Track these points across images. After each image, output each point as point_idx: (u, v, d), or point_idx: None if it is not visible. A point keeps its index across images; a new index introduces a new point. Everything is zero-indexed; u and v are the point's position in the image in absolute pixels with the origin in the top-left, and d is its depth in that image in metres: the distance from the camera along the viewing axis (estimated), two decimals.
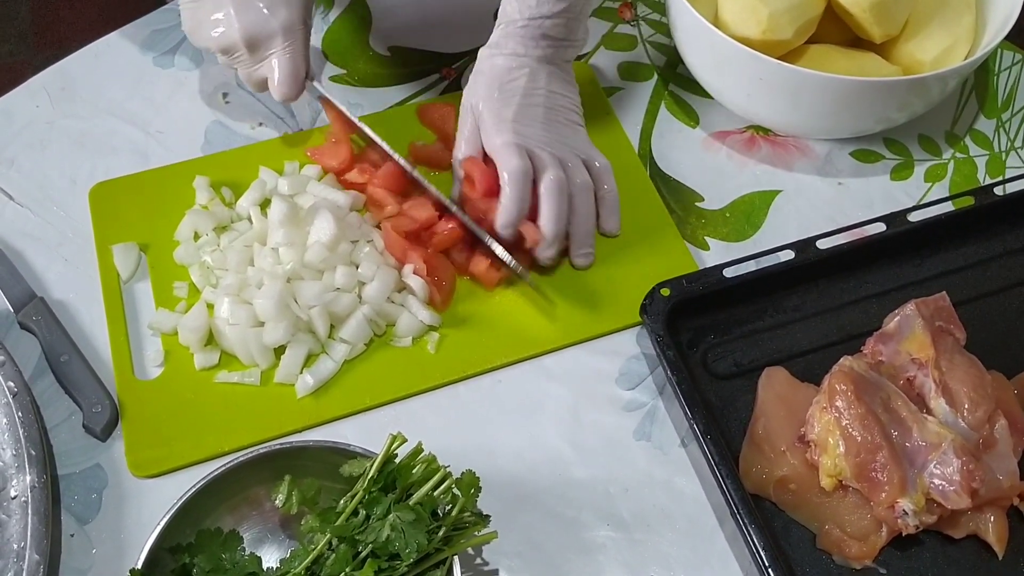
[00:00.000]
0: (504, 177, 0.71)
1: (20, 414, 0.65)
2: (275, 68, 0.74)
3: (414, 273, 0.72)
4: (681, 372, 0.67)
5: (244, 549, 0.61)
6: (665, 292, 0.71)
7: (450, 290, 0.73)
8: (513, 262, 0.72)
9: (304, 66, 0.75)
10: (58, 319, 0.72)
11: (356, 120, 0.77)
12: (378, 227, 0.75)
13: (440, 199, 0.74)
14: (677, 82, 0.89)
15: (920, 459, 0.63)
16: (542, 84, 0.75)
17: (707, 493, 0.67)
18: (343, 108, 0.78)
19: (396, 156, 0.76)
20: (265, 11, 0.72)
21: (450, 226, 0.74)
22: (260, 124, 0.84)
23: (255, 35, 0.72)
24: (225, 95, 0.86)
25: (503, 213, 0.71)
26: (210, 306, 0.71)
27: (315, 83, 0.77)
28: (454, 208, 0.74)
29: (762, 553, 0.61)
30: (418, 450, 0.60)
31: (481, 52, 0.77)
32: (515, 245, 0.73)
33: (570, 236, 0.74)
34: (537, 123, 0.75)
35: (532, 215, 0.73)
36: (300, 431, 0.68)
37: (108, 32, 0.90)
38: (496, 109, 0.74)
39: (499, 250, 0.72)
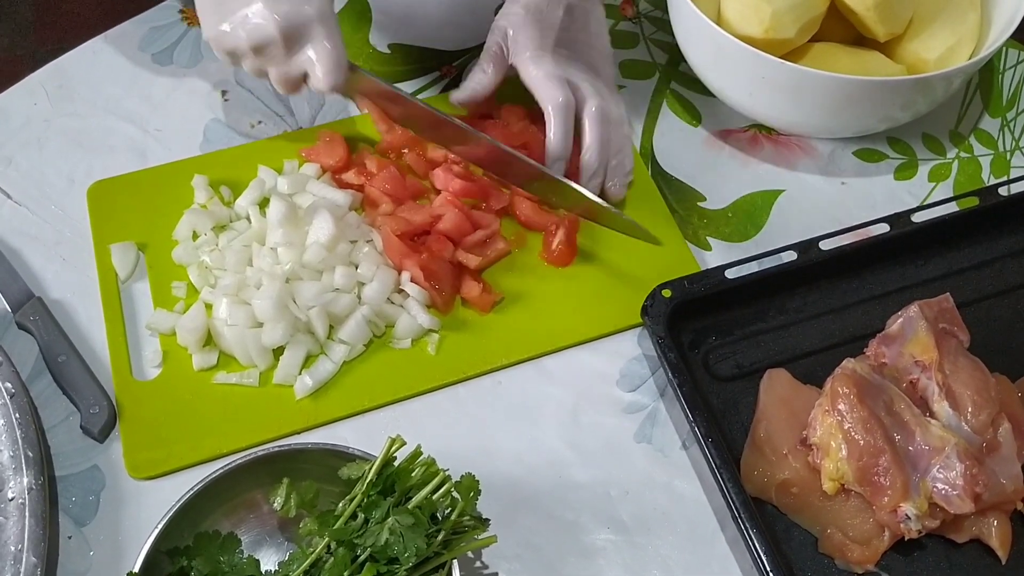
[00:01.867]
0: (548, 110, 0.72)
1: (17, 415, 0.65)
2: (316, 59, 0.69)
3: (411, 281, 0.71)
4: (682, 374, 0.67)
5: (242, 552, 0.61)
6: (667, 293, 0.70)
7: (451, 294, 0.72)
8: (603, 202, 0.73)
9: (345, 52, 0.71)
10: (56, 319, 0.71)
11: (400, 91, 0.75)
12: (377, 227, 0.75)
13: (499, 146, 0.74)
14: (679, 80, 0.88)
15: (923, 463, 0.62)
16: (580, 21, 0.76)
17: (708, 496, 0.66)
18: (389, 86, 0.75)
19: (445, 115, 0.74)
20: (298, 0, 0.68)
21: (445, 226, 0.73)
22: (259, 122, 0.84)
23: (292, 26, 0.68)
24: (224, 93, 0.85)
25: (553, 147, 0.73)
26: (208, 306, 0.71)
27: (358, 67, 0.73)
28: (517, 154, 0.74)
29: (763, 557, 0.60)
30: (417, 453, 0.60)
31: None
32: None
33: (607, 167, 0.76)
34: (576, 55, 0.75)
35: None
36: (299, 432, 0.68)
37: (110, 26, 0.89)
38: (535, 38, 0.74)
39: (582, 190, 0.73)
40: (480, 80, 0.77)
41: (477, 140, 0.74)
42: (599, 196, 0.74)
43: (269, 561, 0.62)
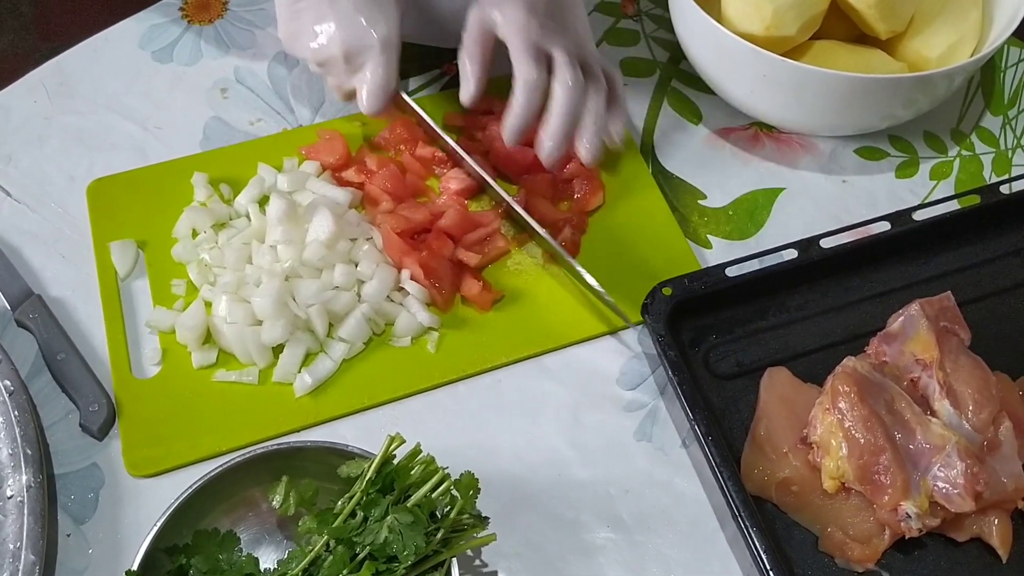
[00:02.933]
0: (519, 83, 0.71)
1: (16, 413, 0.65)
2: (366, 82, 0.72)
3: (411, 279, 0.71)
4: (683, 372, 0.67)
5: (241, 550, 0.61)
6: (667, 291, 0.70)
7: (451, 293, 0.72)
8: (568, 256, 0.73)
9: (394, 81, 0.73)
10: (55, 317, 0.71)
11: (438, 129, 0.77)
12: (377, 225, 0.75)
13: (506, 200, 0.75)
14: (680, 78, 0.88)
15: (924, 461, 0.62)
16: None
17: (708, 495, 0.66)
18: (428, 119, 0.77)
19: (470, 160, 0.76)
20: (365, 25, 0.71)
21: (445, 224, 0.73)
22: (259, 120, 0.84)
23: (353, 49, 0.71)
24: (224, 91, 0.85)
25: (510, 122, 0.72)
26: (208, 304, 0.71)
27: (403, 95, 0.77)
28: (516, 206, 0.74)
29: (763, 556, 0.60)
30: (416, 451, 0.59)
31: None
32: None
33: (577, 131, 0.74)
34: (563, 23, 0.73)
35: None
36: (298, 431, 0.68)
37: (112, 24, 0.89)
38: (517, 6, 0.71)
39: (554, 242, 0.73)
40: (471, 70, 0.74)
41: (493, 191, 0.76)
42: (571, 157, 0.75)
43: (268, 559, 0.62)
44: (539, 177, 0.77)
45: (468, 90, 0.74)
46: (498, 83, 0.76)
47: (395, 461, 0.59)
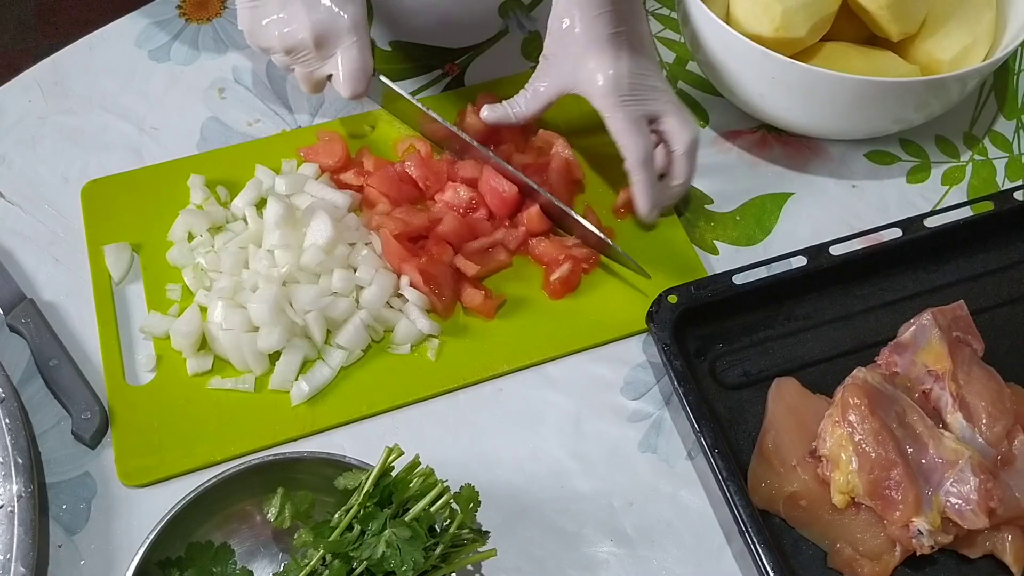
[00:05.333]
0: (631, 165, 0.70)
1: (7, 420, 0.63)
2: (341, 65, 0.71)
3: (410, 286, 0.70)
4: (688, 382, 0.65)
5: (236, 563, 0.60)
6: (672, 299, 0.69)
7: (452, 299, 0.71)
8: (607, 238, 0.72)
9: (371, 61, 0.72)
10: (48, 322, 0.70)
11: (425, 108, 0.75)
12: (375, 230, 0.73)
13: (522, 180, 0.73)
14: (687, 79, 0.86)
15: (936, 477, 0.61)
16: (637, 19, 0.71)
17: (714, 508, 0.65)
18: (413, 100, 0.75)
19: (470, 140, 0.74)
20: (334, 8, 0.69)
21: (443, 230, 0.72)
22: (257, 121, 0.82)
23: (324, 33, 0.69)
24: (221, 90, 0.84)
25: (641, 203, 0.72)
26: (203, 309, 0.70)
27: (381, 77, 0.75)
28: (536, 187, 0.73)
29: (771, 572, 0.59)
30: (415, 463, 0.58)
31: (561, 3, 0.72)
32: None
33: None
34: (649, 71, 0.71)
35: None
36: (295, 440, 0.66)
37: (112, 21, 0.88)
38: (606, 71, 0.69)
39: (589, 226, 0.72)
40: (518, 112, 0.75)
41: (492, 163, 0.74)
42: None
43: (263, 573, 0.61)
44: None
45: (494, 115, 0.74)
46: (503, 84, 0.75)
47: (393, 473, 0.58)
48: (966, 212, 0.75)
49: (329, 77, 0.72)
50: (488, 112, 0.75)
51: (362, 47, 0.70)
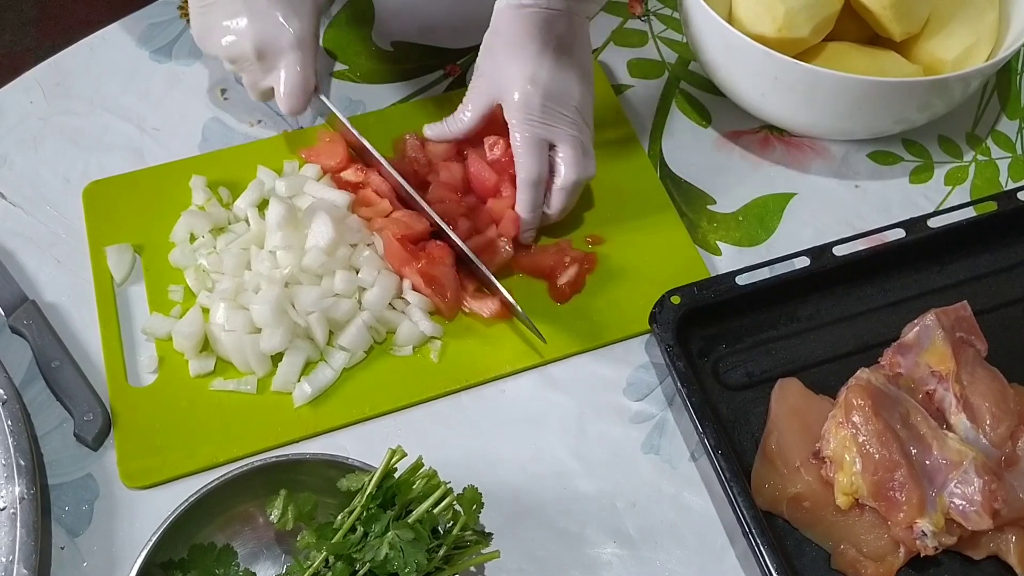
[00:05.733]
0: (520, 182, 0.70)
1: (9, 422, 0.63)
2: (282, 81, 0.71)
3: (412, 289, 0.70)
4: (691, 383, 0.65)
5: (238, 565, 0.60)
6: (675, 300, 0.69)
7: (455, 301, 0.70)
8: (508, 295, 0.69)
9: (313, 79, 0.72)
10: (50, 323, 0.70)
11: (360, 136, 0.75)
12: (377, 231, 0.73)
13: (439, 223, 0.71)
14: (689, 80, 0.86)
15: (940, 478, 0.61)
16: (571, 47, 0.70)
17: (717, 509, 0.65)
18: (348, 123, 0.75)
19: (398, 176, 0.73)
20: (281, 21, 0.70)
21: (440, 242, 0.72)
22: (259, 122, 0.82)
23: (267, 46, 0.70)
24: (223, 91, 0.84)
25: (523, 217, 0.71)
26: (206, 311, 0.69)
27: (322, 97, 0.75)
28: (451, 234, 0.71)
29: (774, 573, 0.59)
30: (418, 465, 0.58)
31: (497, 5, 0.71)
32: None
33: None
34: (566, 99, 0.70)
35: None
36: (297, 441, 0.66)
37: (114, 22, 0.87)
38: (524, 86, 0.68)
39: (494, 280, 0.70)
40: (456, 127, 0.74)
41: (420, 207, 0.72)
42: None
43: (266, 575, 0.61)
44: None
45: (434, 132, 0.75)
46: None
47: (396, 475, 0.58)
48: (969, 212, 0.75)
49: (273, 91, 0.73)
50: (429, 130, 0.75)
51: (305, 64, 0.71)
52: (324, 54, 0.86)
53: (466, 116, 0.73)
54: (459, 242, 0.71)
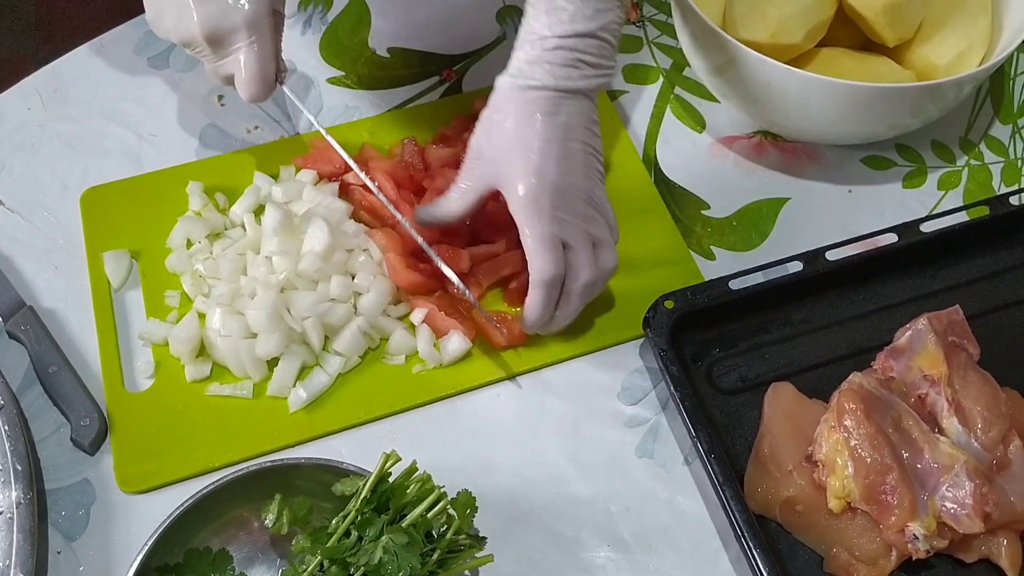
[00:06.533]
0: (535, 281, 0.64)
1: (6, 427, 0.64)
2: (241, 66, 0.65)
3: (423, 322, 0.70)
4: (685, 387, 0.66)
5: (234, 569, 0.60)
6: (669, 304, 0.69)
7: (472, 326, 0.70)
8: (466, 290, 0.68)
9: (272, 64, 0.66)
10: (47, 328, 0.70)
11: (324, 132, 0.71)
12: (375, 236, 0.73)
13: (416, 239, 0.68)
14: (683, 85, 0.87)
15: (932, 481, 0.61)
16: (579, 130, 0.64)
17: (711, 513, 0.65)
18: (312, 118, 0.72)
19: (366, 178, 0.70)
20: (229, 2, 0.64)
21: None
22: (256, 128, 0.82)
23: (215, 29, 0.64)
24: (220, 97, 0.84)
25: (529, 319, 0.66)
26: (202, 316, 0.70)
27: (284, 88, 0.69)
28: (429, 251, 0.68)
29: None
30: (412, 469, 0.58)
31: (499, 82, 0.65)
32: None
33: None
34: (576, 192, 0.64)
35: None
36: (293, 446, 0.67)
37: (112, 29, 0.88)
38: (529, 179, 0.62)
39: (453, 276, 0.67)
40: (449, 209, 0.67)
41: (397, 222, 0.69)
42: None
43: None
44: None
45: (427, 216, 0.68)
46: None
47: (391, 479, 0.58)
48: (962, 217, 0.75)
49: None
50: (422, 214, 0.69)
51: (262, 47, 0.65)
52: (321, 61, 0.87)
53: (460, 199, 0.67)
54: (444, 267, 0.68)
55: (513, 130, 0.63)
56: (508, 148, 0.63)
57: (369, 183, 0.70)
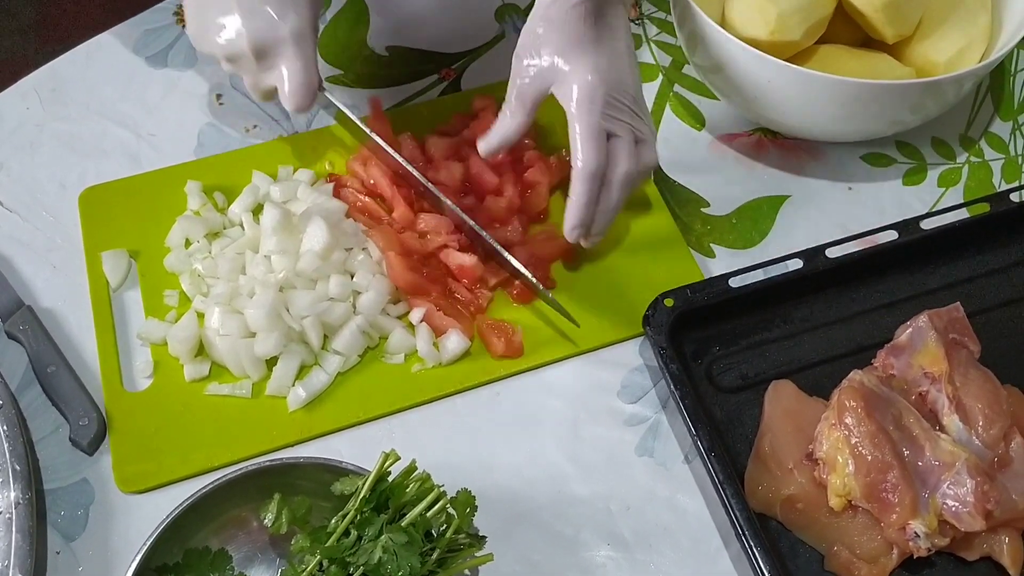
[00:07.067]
0: (579, 172, 0.65)
1: (5, 427, 0.64)
2: (286, 78, 0.69)
3: (422, 321, 0.70)
4: (685, 385, 0.65)
5: (233, 569, 0.60)
6: (669, 302, 0.69)
7: (469, 325, 0.70)
8: (532, 276, 0.69)
9: (316, 74, 0.70)
10: (46, 328, 0.70)
11: (367, 130, 0.74)
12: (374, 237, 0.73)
13: (458, 215, 0.71)
14: (683, 83, 0.87)
15: (933, 479, 0.61)
16: (623, 32, 0.68)
17: (711, 512, 0.65)
18: (355, 118, 0.74)
19: (411, 168, 0.73)
20: (275, 17, 0.67)
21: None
22: (254, 127, 0.82)
23: (263, 42, 0.67)
24: (219, 97, 0.84)
25: (571, 215, 0.67)
26: (201, 315, 0.70)
27: (326, 93, 0.73)
28: (471, 223, 0.70)
29: (768, 575, 0.59)
30: (412, 468, 0.58)
31: (540, 1, 0.67)
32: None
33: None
34: (626, 89, 0.66)
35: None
36: (292, 445, 0.66)
37: (111, 28, 0.88)
38: (585, 76, 0.65)
39: (518, 264, 0.70)
40: (508, 127, 0.68)
41: (440, 202, 0.72)
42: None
43: None
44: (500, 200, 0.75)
45: (492, 144, 0.68)
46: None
47: (390, 478, 0.58)
48: (962, 214, 0.75)
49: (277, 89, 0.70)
50: (484, 146, 0.69)
51: (306, 59, 0.68)
52: (319, 59, 0.87)
53: (518, 111, 0.68)
54: (486, 235, 0.70)
55: (562, 37, 0.66)
56: (561, 50, 0.66)
57: (428, 184, 0.72)
